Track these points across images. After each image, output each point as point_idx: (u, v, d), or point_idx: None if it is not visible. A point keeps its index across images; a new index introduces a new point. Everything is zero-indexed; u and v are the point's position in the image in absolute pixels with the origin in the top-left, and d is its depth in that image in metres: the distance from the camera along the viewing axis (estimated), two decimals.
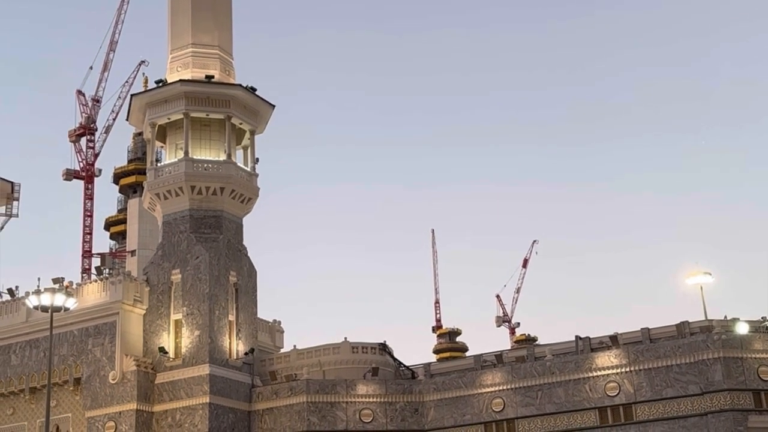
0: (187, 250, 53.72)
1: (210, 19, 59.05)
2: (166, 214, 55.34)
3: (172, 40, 59.14)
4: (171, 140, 57.37)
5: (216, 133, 56.67)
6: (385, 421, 51.87)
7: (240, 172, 56.28)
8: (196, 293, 52.57)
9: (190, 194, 54.64)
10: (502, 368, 51.95)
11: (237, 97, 56.72)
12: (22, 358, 54.12)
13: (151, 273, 54.33)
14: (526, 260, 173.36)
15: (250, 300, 55.35)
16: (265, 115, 58.83)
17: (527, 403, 50.44)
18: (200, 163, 55.28)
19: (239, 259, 55.15)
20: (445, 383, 52.53)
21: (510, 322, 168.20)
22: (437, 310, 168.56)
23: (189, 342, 51.83)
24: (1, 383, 54.24)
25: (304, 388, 51.70)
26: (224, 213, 55.29)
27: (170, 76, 57.72)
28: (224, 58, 58.84)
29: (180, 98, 55.83)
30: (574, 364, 50.13)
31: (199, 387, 50.56)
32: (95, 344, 52.13)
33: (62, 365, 52.51)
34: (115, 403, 50.66)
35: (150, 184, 55.91)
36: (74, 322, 52.43)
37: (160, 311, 53.16)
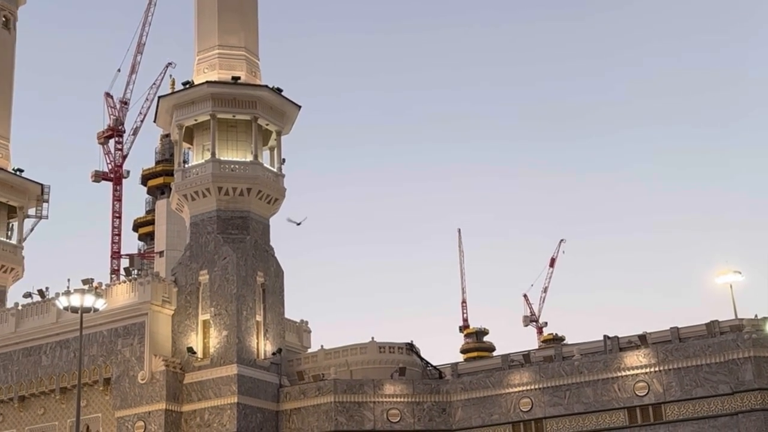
0: (215, 250, 53.98)
1: (236, 20, 59.31)
2: (194, 215, 55.65)
3: (198, 42, 59.46)
4: (198, 141, 57.68)
5: (242, 134, 56.90)
6: (412, 421, 51.85)
7: (266, 173, 56.48)
8: (224, 294, 52.81)
9: (217, 195, 54.92)
10: (530, 368, 51.76)
11: (263, 98, 56.93)
12: (53, 358, 54.63)
13: (179, 274, 54.66)
14: (553, 259, 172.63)
15: (277, 300, 55.52)
16: (291, 116, 58.99)
17: (555, 403, 50.23)
18: (227, 164, 55.53)
19: (266, 260, 55.34)
20: (472, 383, 52.43)
21: (537, 322, 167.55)
22: (464, 309, 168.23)
23: (217, 342, 52.09)
24: (32, 383, 54.78)
25: (332, 388, 51.79)
26: (251, 213, 55.51)
27: (197, 77, 58.04)
28: (250, 60, 59.07)
29: (207, 100, 56.11)
30: (602, 363, 49.85)
31: (227, 387, 50.79)
32: (124, 344, 52.50)
33: (92, 365, 52.94)
34: (144, 403, 51.01)
35: (177, 185, 56.25)
36: (104, 323, 52.85)
37: (188, 312, 53.47)
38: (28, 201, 66.78)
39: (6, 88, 69.09)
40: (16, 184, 65.94)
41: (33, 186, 66.85)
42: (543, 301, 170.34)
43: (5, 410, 55.84)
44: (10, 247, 65.27)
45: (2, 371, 55.94)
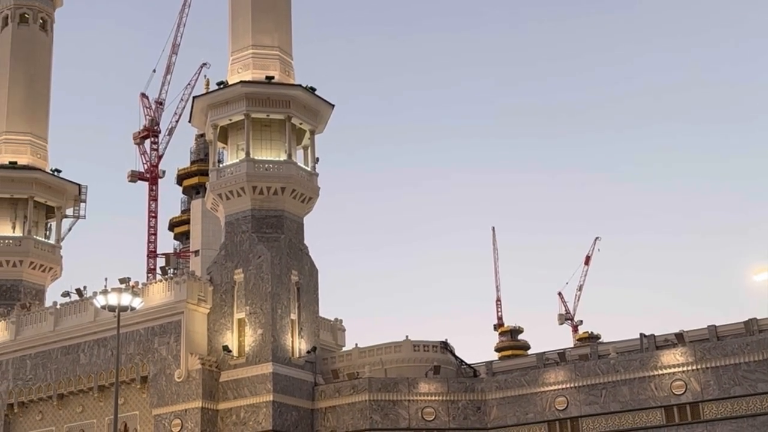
0: (250, 249, 54.26)
1: (270, 20, 59.53)
2: (229, 215, 55.97)
3: (232, 42, 59.77)
4: (232, 141, 57.99)
5: (276, 133, 57.13)
6: (447, 420, 51.78)
7: (300, 172, 56.65)
8: (259, 292, 53.06)
9: (252, 194, 55.17)
10: (565, 366, 51.47)
11: (297, 97, 57.10)
12: (91, 356, 55.21)
13: (214, 273, 55.01)
14: (588, 257, 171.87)
15: (312, 299, 55.69)
16: (325, 115, 59.12)
17: (591, 402, 49.91)
18: (261, 163, 55.77)
19: (300, 259, 55.53)
20: (507, 381, 52.23)
21: (572, 320, 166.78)
22: (498, 308, 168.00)
23: (252, 341, 52.34)
24: (71, 381, 55.41)
25: (367, 387, 51.86)
26: (285, 213, 55.72)
27: (231, 77, 58.35)
28: (284, 59, 59.27)
29: (241, 99, 56.39)
30: (638, 362, 49.44)
31: (262, 385, 51.03)
32: (161, 343, 52.93)
33: (129, 364, 53.42)
34: (181, 401, 51.38)
35: (212, 184, 56.61)
36: (140, 322, 53.28)
37: (223, 310, 53.79)
38: (66, 201, 67.53)
39: (43, 90, 69.94)
40: (54, 184, 66.71)
41: (71, 186, 67.59)
42: (578, 299, 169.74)
43: (45, 408, 56.56)
44: (49, 246, 66.05)
45: (41, 369, 56.66)
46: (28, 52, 69.44)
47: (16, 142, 67.02)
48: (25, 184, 65.22)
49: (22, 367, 57.33)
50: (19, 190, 65.09)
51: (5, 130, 67.15)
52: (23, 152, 66.80)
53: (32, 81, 69.05)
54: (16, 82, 68.34)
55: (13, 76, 68.39)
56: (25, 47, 69.42)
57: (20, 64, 68.83)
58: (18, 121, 67.65)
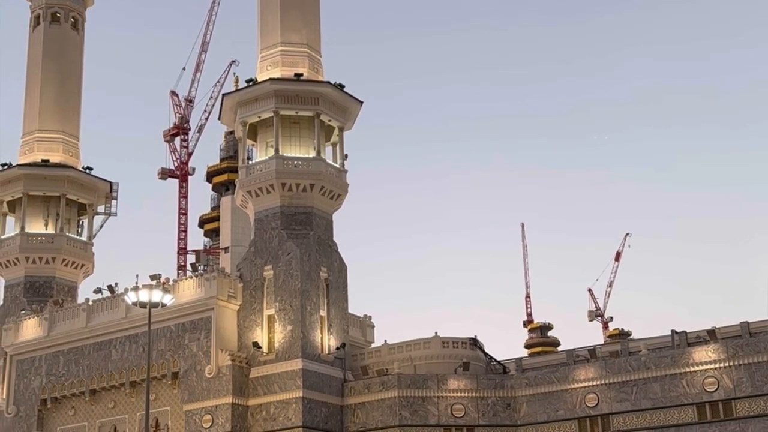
0: (279, 246, 54.42)
1: (298, 18, 59.63)
2: (258, 211, 56.17)
3: (261, 40, 59.93)
4: (261, 138, 58.19)
5: (305, 130, 57.23)
6: (476, 416, 51.67)
7: (329, 169, 56.73)
8: (288, 289, 53.21)
9: (281, 191, 55.33)
10: (596, 363, 51.18)
11: (325, 94, 57.17)
12: (122, 353, 55.67)
13: (244, 269, 55.23)
14: (618, 253, 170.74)
15: (341, 295, 55.77)
16: (354, 112, 59.15)
17: (622, 399, 49.60)
18: (290, 160, 55.89)
19: (329, 255, 55.61)
20: (537, 378, 52.03)
21: (603, 317, 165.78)
22: (528, 304, 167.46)
23: (282, 337, 52.51)
24: (103, 377, 55.89)
25: (396, 383, 51.86)
26: (314, 209, 55.83)
27: (260, 75, 58.52)
28: (313, 56, 59.34)
29: (270, 97, 56.54)
30: (670, 359, 49.04)
31: (292, 381, 51.18)
32: (191, 339, 53.25)
33: (160, 360, 53.78)
34: (211, 397, 51.66)
35: (242, 182, 56.83)
36: (171, 318, 53.63)
37: (253, 307, 54.01)
38: (98, 198, 68.05)
39: (75, 88, 70.54)
40: (86, 182, 67.26)
41: (102, 184, 68.10)
42: (608, 295, 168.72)
43: (77, 403, 57.09)
44: (81, 243, 66.62)
45: (74, 365, 57.21)
46: (59, 51, 70.02)
47: (48, 140, 67.60)
48: (57, 182, 65.79)
49: (55, 363, 57.94)
50: (51, 187, 65.68)
51: (38, 129, 67.75)
52: (55, 150, 67.37)
53: (64, 80, 69.61)
54: (48, 81, 68.94)
55: (45, 75, 68.98)
56: (56, 46, 69.99)
57: (52, 63, 69.42)
58: (50, 120, 68.26)
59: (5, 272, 64.85)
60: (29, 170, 65.54)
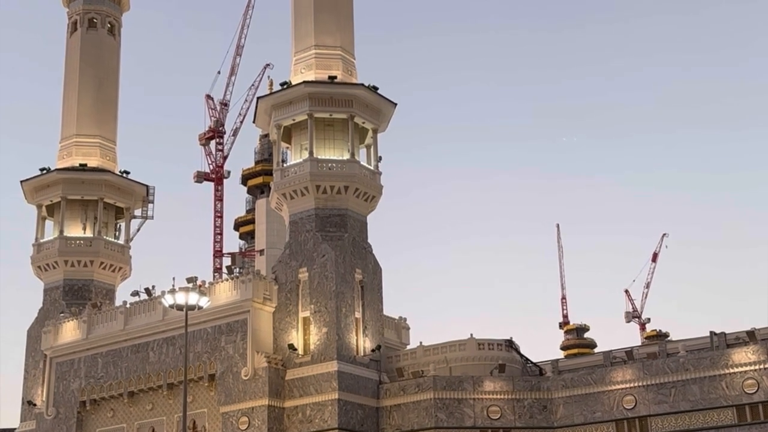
0: (314, 248, 54.56)
1: (332, 21, 59.77)
2: (293, 214, 56.36)
3: (295, 43, 60.16)
4: (296, 141, 58.40)
5: (339, 132, 57.35)
6: (513, 418, 51.42)
7: (363, 171, 56.79)
8: (323, 291, 53.33)
9: (316, 193, 55.47)
10: (633, 365, 50.73)
11: (359, 96, 57.24)
12: (160, 355, 56.10)
13: (279, 271, 55.44)
14: (655, 254, 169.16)
15: (376, 297, 55.78)
16: (387, 114, 59.16)
17: (660, 401, 49.12)
18: (324, 162, 56.03)
19: (364, 257, 55.66)
20: (574, 380, 51.68)
21: (640, 318, 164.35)
22: (564, 305, 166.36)
23: (317, 339, 52.63)
24: (141, 379, 56.37)
25: (431, 385, 51.77)
26: (349, 211, 55.91)
27: (294, 78, 58.73)
28: (346, 59, 59.46)
29: (304, 99, 56.72)
30: (709, 360, 48.48)
31: (327, 383, 51.28)
32: (228, 341, 53.54)
33: (197, 362, 54.14)
34: (247, 399, 51.89)
35: (276, 184, 57.06)
36: (208, 320, 53.95)
37: (288, 309, 54.18)
38: (135, 202, 68.67)
39: (112, 94, 71.25)
40: (123, 186, 67.90)
41: (139, 187, 68.72)
42: (645, 296, 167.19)
43: (116, 405, 57.63)
44: (118, 247, 67.26)
45: (112, 367, 57.76)
46: (96, 56, 70.79)
47: (86, 144, 68.34)
48: (95, 186, 66.51)
49: (94, 365, 58.54)
50: (89, 192, 66.36)
51: (75, 133, 68.51)
52: (93, 155, 68.10)
53: (101, 84, 70.36)
54: (86, 86, 69.71)
55: (83, 80, 69.78)
56: (93, 51, 70.77)
57: (89, 68, 70.19)
58: (88, 124, 69.00)
59: (45, 275, 65.62)
60: (67, 175, 66.30)
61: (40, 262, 65.41)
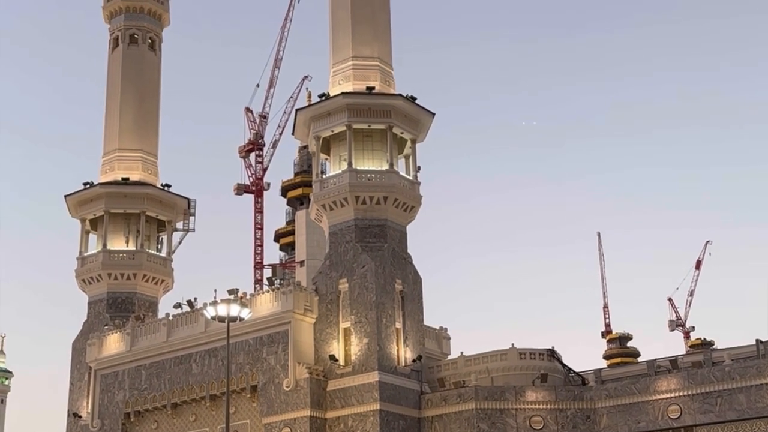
0: (353, 259, 54.65)
1: (369, 32, 59.97)
2: (332, 225, 56.52)
3: (333, 55, 60.43)
4: (335, 152, 58.61)
5: (378, 143, 57.46)
6: (556, 428, 51.00)
7: (402, 181, 56.82)
8: (363, 302, 53.38)
9: (355, 204, 55.60)
10: (678, 374, 50.10)
11: (397, 106, 57.32)
12: (202, 366, 56.48)
13: (319, 283, 55.59)
14: (699, 262, 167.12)
15: (416, 307, 55.70)
16: (426, 124, 59.16)
17: (706, 410, 48.43)
18: (363, 173, 56.15)
19: (404, 267, 55.63)
20: (617, 389, 51.16)
21: (684, 326, 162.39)
22: (606, 314, 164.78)
23: (358, 350, 52.67)
24: (184, 391, 56.78)
25: (473, 395, 51.53)
26: (388, 222, 55.95)
27: (332, 89, 58.98)
28: (384, 69, 59.59)
29: (342, 110, 56.93)
30: (755, 369, 47.71)
31: (369, 394, 51.26)
32: (269, 353, 53.76)
33: (239, 373, 54.42)
34: (289, 410, 52.03)
35: (316, 195, 57.27)
36: (249, 332, 54.22)
37: (329, 320, 54.29)
38: (176, 215, 69.28)
39: (153, 108, 72.09)
40: (165, 199, 68.58)
41: (180, 200, 69.34)
42: (689, 304, 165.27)
43: (159, 417, 58.10)
44: (160, 259, 67.88)
45: (156, 379, 58.28)
46: (138, 71, 71.69)
47: (128, 158, 69.12)
48: (137, 200, 67.22)
49: (138, 377, 59.11)
50: (131, 205, 67.09)
51: (117, 148, 69.35)
52: (135, 168, 68.86)
53: (142, 99, 71.22)
54: (128, 101, 70.59)
55: (125, 95, 70.65)
56: (135, 67, 71.68)
57: (131, 84, 71.09)
58: (130, 139, 69.83)
59: (89, 289, 66.41)
60: (110, 189, 67.09)
61: (84, 275, 66.22)
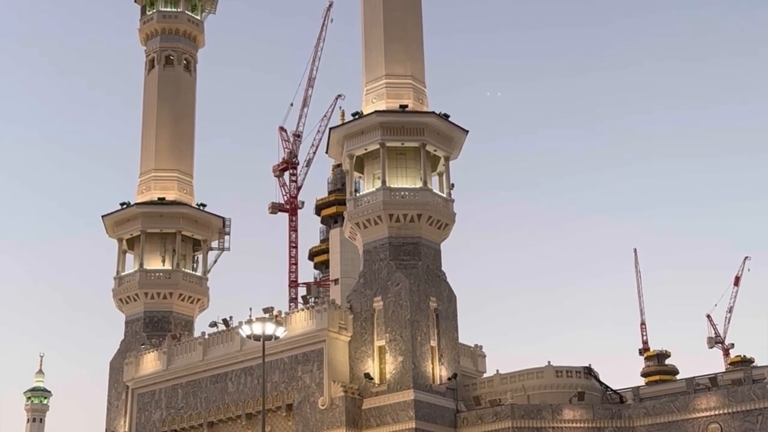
0: (388, 277, 54.63)
1: (402, 50, 60.17)
2: (366, 243, 56.58)
3: (366, 73, 60.68)
4: (368, 170, 58.74)
5: (411, 161, 57.51)
6: None
7: (436, 199, 56.79)
8: (398, 319, 53.29)
9: (389, 222, 55.63)
10: (718, 392, 49.41)
11: (430, 124, 57.38)
12: (238, 385, 56.64)
13: (354, 301, 55.62)
14: (737, 278, 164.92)
15: (451, 325, 55.51)
16: (459, 141, 59.14)
17: (747, 429, 47.68)
18: (397, 191, 56.20)
19: (438, 285, 55.51)
20: (656, 408, 50.55)
21: (723, 343, 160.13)
22: (643, 331, 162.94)
23: (393, 368, 52.54)
24: (220, 409, 56.93)
25: (509, 413, 51.15)
26: (422, 239, 55.90)
27: (366, 107, 59.19)
28: (417, 87, 59.71)
29: (376, 129, 57.10)
30: None
31: (404, 412, 51.08)
32: (304, 371, 53.81)
33: (275, 392, 54.50)
34: (325, 429, 51.96)
35: (350, 214, 57.40)
36: (284, 350, 54.32)
37: (363, 338, 54.26)
38: (211, 234, 69.67)
39: (189, 128, 72.76)
40: (200, 218, 69.03)
41: (215, 220, 69.76)
42: (728, 321, 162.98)
43: None
44: (196, 278, 68.29)
45: (192, 398, 58.51)
46: (173, 92, 72.43)
47: (164, 178, 69.74)
48: (173, 219, 67.71)
49: (174, 396, 59.39)
50: (168, 225, 67.59)
51: (154, 168, 70.01)
52: (171, 188, 69.44)
53: (178, 119, 71.92)
54: (163, 122, 71.31)
55: (161, 116, 71.40)
56: (170, 87, 72.44)
57: (166, 104, 71.83)
58: (166, 159, 70.49)
59: (126, 308, 66.93)
60: (147, 209, 67.71)
61: (121, 294, 66.76)
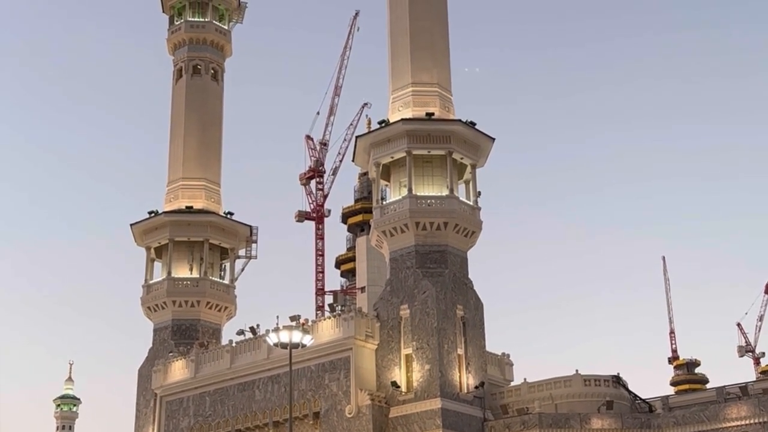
0: (414, 285, 54.57)
1: (428, 58, 60.20)
2: (393, 251, 56.57)
3: (392, 81, 60.76)
4: (395, 178, 58.75)
5: (438, 168, 57.47)
6: None
7: (462, 207, 56.69)
8: (425, 328, 53.19)
9: (415, 230, 55.58)
10: (748, 401, 48.91)
11: (457, 132, 57.33)
12: (265, 393, 56.75)
13: (380, 309, 55.59)
14: None
15: (478, 333, 55.34)
16: (486, 149, 59.04)
17: None
18: (424, 199, 56.18)
19: (465, 293, 55.37)
20: (685, 417, 50.08)
21: (753, 352, 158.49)
22: (672, 340, 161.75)
23: (420, 376, 52.44)
24: (248, 417, 57.07)
25: (537, 422, 50.87)
26: (449, 247, 55.80)
27: (392, 116, 59.25)
28: (443, 95, 59.70)
29: (402, 137, 57.12)
30: None
31: (431, 421, 50.94)
32: (331, 379, 53.82)
33: (302, 400, 54.54)
34: None
35: (376, 222, 57.43)
36: (311, 358, 54.36)
37: (390, 346, 54.20)
38: (239, 242, 69.95)
39: (216, 136, 73.17)
40: (228, 227, 69.33)
41: (242, 228, 70.02)
42: (759, 329, 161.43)
43: None
44: (224, 286, 68.55)
45: (220, 406, 58.70)
46: (201, 101, 72.88)
47: (191, 187, 70.14)
48: (200, 228, 68.07)
49: (202, 403, 59.62)
50: (195, 233, 67.95)
51: (182, 177, 70.44)
52: (198, 197, 69.82)
53: (205, 128, 72.32)
54: (191, 131, 71.76)
55: (188, 125, 71.85)
56: (198, 97, 72.91)
57: (194, 113, 72.29)
58: (193, 168, 70.90)
59: (154, 316, 67.31)
60: (174, 217, 68.11)
61: (149, 302, 67.16)
